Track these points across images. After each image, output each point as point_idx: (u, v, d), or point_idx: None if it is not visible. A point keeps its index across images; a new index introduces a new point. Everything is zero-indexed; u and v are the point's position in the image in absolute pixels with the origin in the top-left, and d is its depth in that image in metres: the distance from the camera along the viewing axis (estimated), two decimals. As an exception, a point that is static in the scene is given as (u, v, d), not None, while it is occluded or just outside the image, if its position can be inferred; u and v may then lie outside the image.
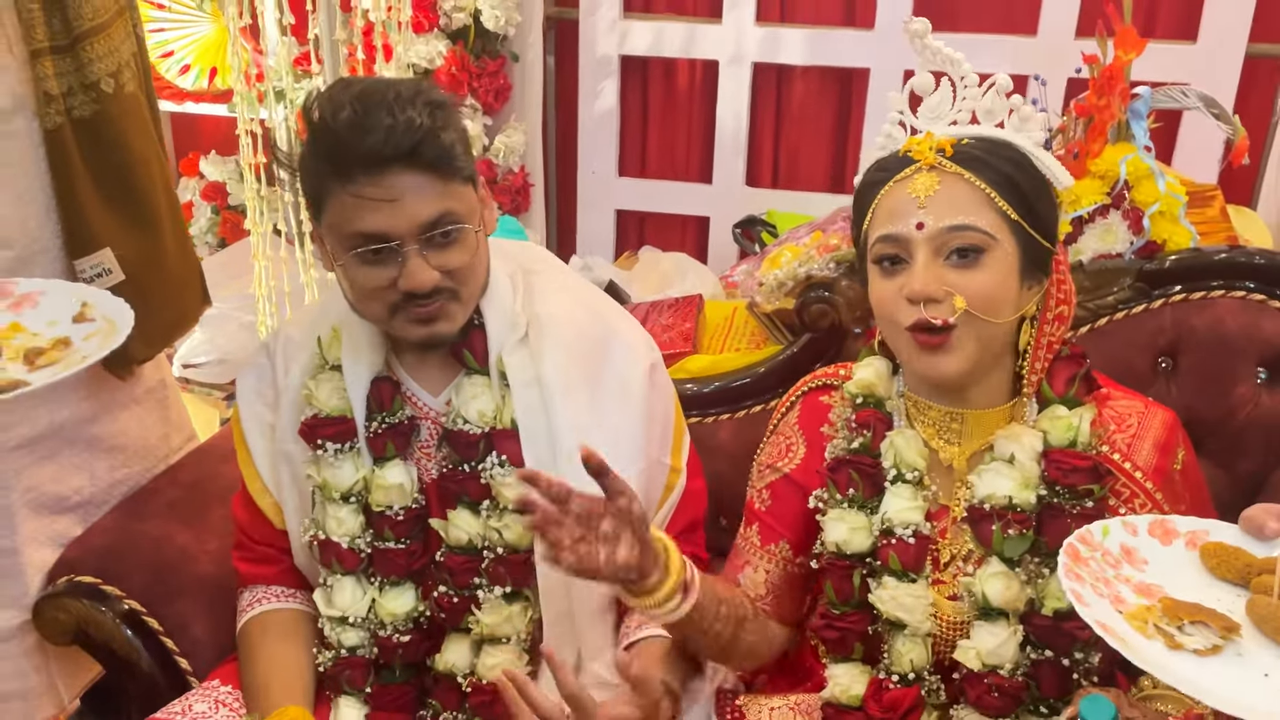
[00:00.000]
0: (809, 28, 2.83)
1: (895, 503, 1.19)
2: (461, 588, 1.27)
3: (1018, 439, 1.17)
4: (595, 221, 3.08)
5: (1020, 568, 1.15)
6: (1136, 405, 1.22)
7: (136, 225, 1.46)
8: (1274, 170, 2.51)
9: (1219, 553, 1.00)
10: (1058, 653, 1.13)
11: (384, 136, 1.09)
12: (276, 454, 1.33)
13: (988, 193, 1.11)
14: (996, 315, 1.11)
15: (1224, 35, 2.50)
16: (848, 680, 1.21)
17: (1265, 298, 1.64)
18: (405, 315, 1.19)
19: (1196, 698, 0.84)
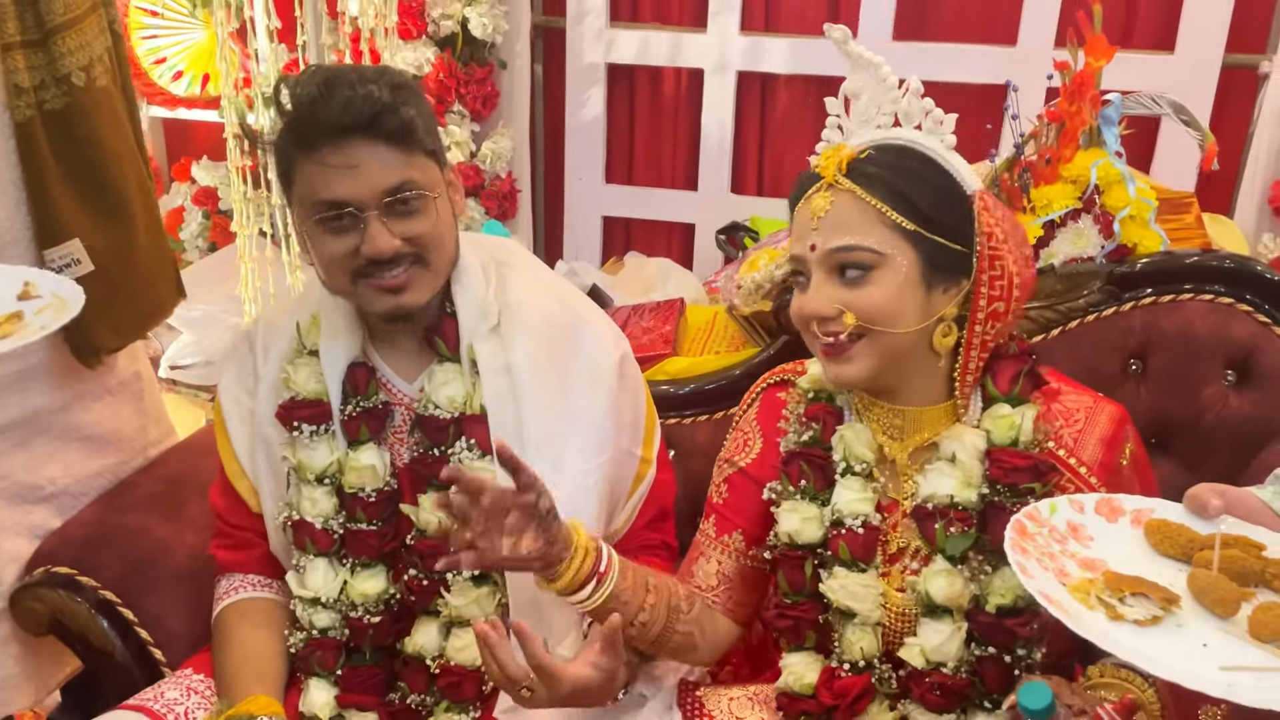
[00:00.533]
0: (792, 37, 2.84)
1: (845, 494, 1.21)
2: (431, 571, 1.29)
3: (960, 438, 1.19)
4: (582, 227, 3.10)
5: (964, 565, 1.17)
6: (1085, 401, 1.23)
7: (107, 217, 1.49)
8: (1250, 179, 2.53)
9: (1163, 529, 1.02)
10: (1000, 649, 1.15)
11: (344, 106, 1.15)
12: (255, 438, 1.36)
13: (878, 208, 1.12)
14: (892, 326, 1.13)
15: (1201, 46, 2.52)
16: (801, 669, 1.23)
17: (1233, 300, 1.67)
18: (369, 285, 1.23)
19: (1137, 665, 0.87)
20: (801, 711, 1.22)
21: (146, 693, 1.33)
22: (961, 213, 1.14)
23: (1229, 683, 0.84)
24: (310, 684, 1.32)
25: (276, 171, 1.27)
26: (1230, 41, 2.52)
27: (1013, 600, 1.14)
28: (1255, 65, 2.55)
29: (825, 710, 1.21)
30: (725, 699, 1.30)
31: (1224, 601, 0.93)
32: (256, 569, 1.40)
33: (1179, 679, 0.85)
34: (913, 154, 1.15)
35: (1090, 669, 1.12)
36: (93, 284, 1.44)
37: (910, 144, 1.15)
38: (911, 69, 2.74)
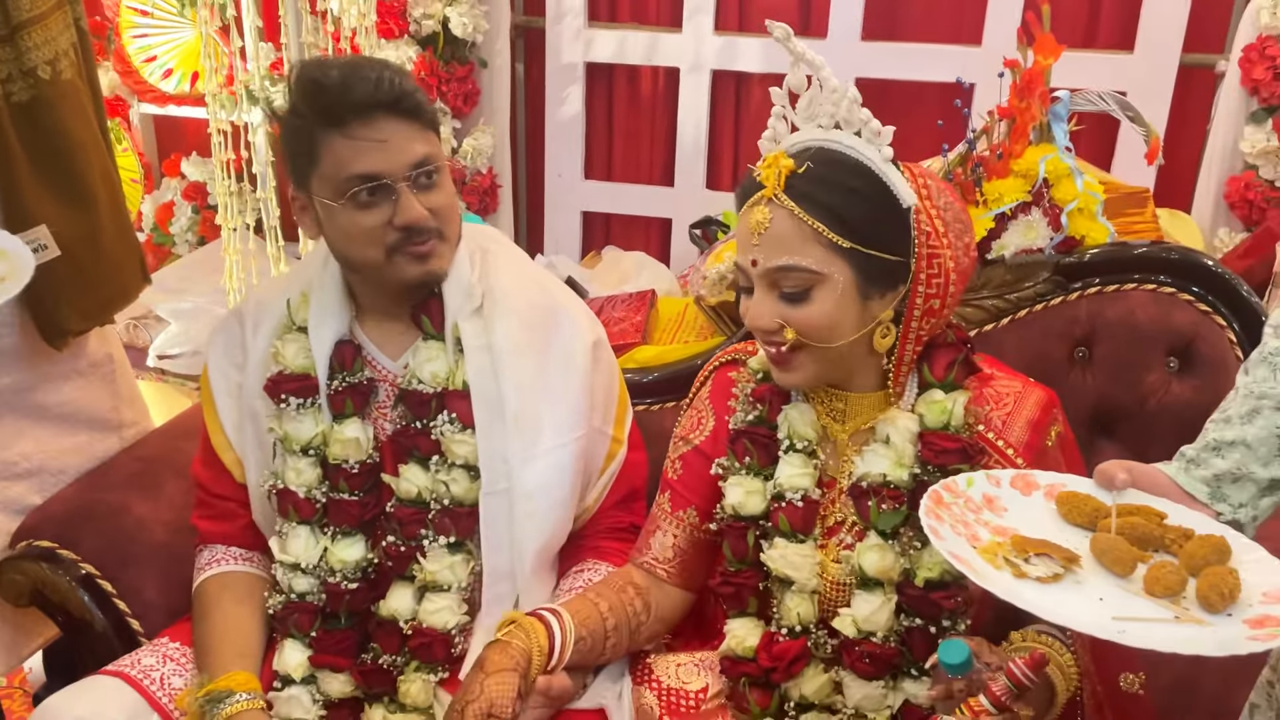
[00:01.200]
0: (765, 37, 2.84)
1: (787, 470, 1.27)
2: (409, 538, 1.35)
3: (894, 422, 1.24)
4: (562, 222, 3.16)
5: (895, 540, 1.22)
6: (1015, 386, 1.28)
7: (72, 205, 1.53)
8: (1206, 176, 2.58)
9: (1071, 500, 1.08)
10: (927, 620, 1.20)
11: (373, 86, 1.24)
12: (243, 411, 1.41)
13: (815, 228, 1.13)
14: (830, 340, 1.17)
15: (1159, 45, 2.58)
16: (743, 633, 1.28)
17: (1176, 290, 1.71)
18: (402, 255, 1.29)
19: (1038, 614, 0.92)
20: (742, 673, 1.27)
21: (124, 659, 1.38)
22: (896, 224, 1.16)
23: (1120, 630, 0.90)
24: (285, 644, 1.37)
25: (293, 153, 1.30)
26: (1188, 41, 2.59)
27: (940, 574, 1.19)
28: (1212, 65, 2.61)
29: (764, 672, 1.26)
30: (673, 664, 1.36)
31: (1121, 561, 1.00)
32: (238, 540, 1.45)
33: (1074, 625, 0.92)
34: (851, 167, 1.15)
35: (1013, 634, 1.18)
36: (59, 269, 1.50)
37: (849, 153, 1.16)
38: (880, 68, 2.84)
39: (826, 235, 1.14)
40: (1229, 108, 2.55)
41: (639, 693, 1.33)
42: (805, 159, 1.16)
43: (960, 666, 1.02)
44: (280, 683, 1.36)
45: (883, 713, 1.23)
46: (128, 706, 1.29)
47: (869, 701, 1.23)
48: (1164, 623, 0.92)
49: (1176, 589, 0.95)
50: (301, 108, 1.27)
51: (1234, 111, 2.54)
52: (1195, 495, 1.08)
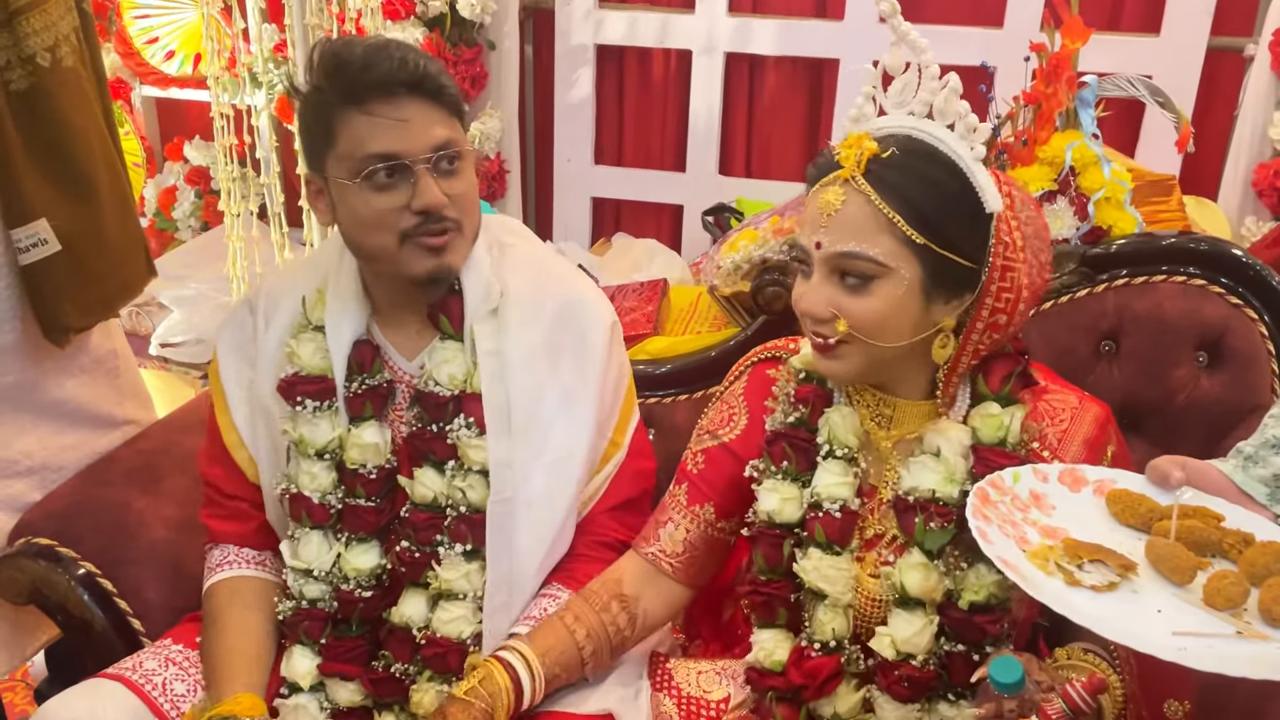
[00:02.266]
0: (780, 18, 2.86)
1: (825, 478, 1.21)
2: (424, 544, 1.31)
3: (945, 434, 1.18)
4: (571, 208, 3.12)
5: (940, 559, 1.16)
6: (1070, 400, 1.22)
7: (73, 198, 1.49)
8: (1234, 162, 2.55)
9: (1124, 499, 1.04)
10: (970, 646, 1.15)
11: (396, 65, 1.21)
12: (255, 409, 1.37)
13: (890, 217, 1.09)
14: (883, 339, 1.12)
15: (1186, 29, 2.54)
16: (772, 645, 1.23)
17: (1206, 283, 1.67)
18: (416, 244, 1.24)
19: (1093, 628, 0.89)
20: (770, 688, 1.23)
21: (125, 662, 1.35)
22: (976, 228, 1.11)
23: (1180, 647, 0.87)
24: (294, 651, 1.34)
25: (311, 129, 1.27)
26: (1216, 24, 2.54)
27: (986, 597, 1.14)
28: (1241, 49, 2.56)
29: (794, 689, 1.21)
30: (694, 672, 1.32)
31: (1180, 569, 0.96)
32: (250, 541, 1.42)
33: (1131, 643, 0.88)
34: (938, 160, 1.10)
35: (1058, 651, 1.13)
36: (60, 264, 1.47)
37: (939, 146, 1.11)
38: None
39: (901, 227, 1.08)
40: (1258, 92, 2.50)
41: (658, 699, 1.30)
42: (890, 144, 1.10)
43: (1014, 686, 0.99)
44: (288, 690, 1.33)
45: None
46: (128, 711, 1.26)
47: None
48: (1226, 639, 0.88)
49: (1238, 600, 0.91)
50: (322, 84, 1.23)
51: (1263, 96, 2.49)
52: (1253, 495, 1.05)
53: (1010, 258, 1.10)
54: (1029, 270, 1.12)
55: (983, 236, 1.10)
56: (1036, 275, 1.13)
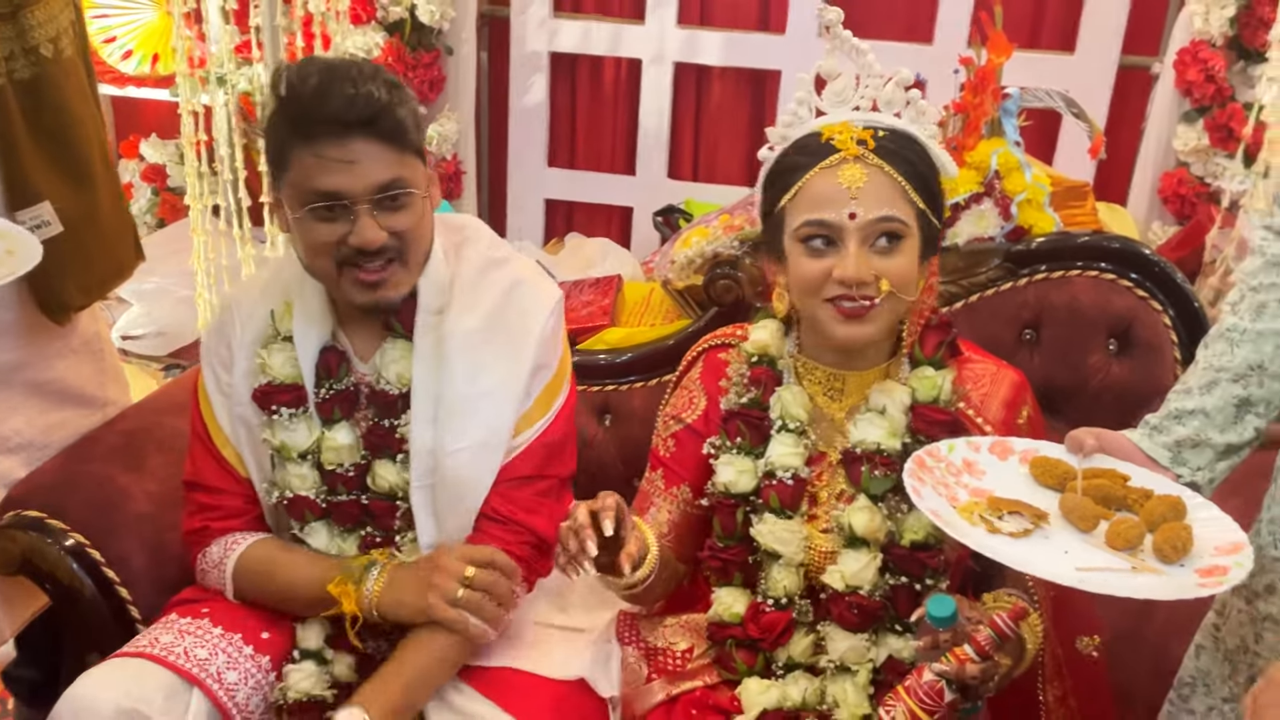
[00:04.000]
0: (726, 31, 2.96)
1: (778, 449, 1.32)
2: (383, 529, 1.39)
3: (890, 394, 1.31)
4: (525, 209, 3.19)
5: (883, 504, 1.29)
6: (990, 368, 1.37)
7: (73, 181, 1.55)
8: (1142, 171, 2.71)
9: (1043, 464, 1.18)
10: (911, 578, 1.28)
11: (347, 104, 1.21)
12: (234, 415, 1.42)
13: (903, 185, 1.23)
14: (910, 293, 1.26)
15: (1099, 48, 2.70)
16: (730, 600, 1.35)
17: (1116, 277, 1.82)
18: (351, 276, 1.29)
19: (1009, 565, 1.02)
20: (730, 637, 1.34)
21: (140, 640, 1.36)
22: (940, 195, 1.28)
23: (1080, 579, 1.00)
24: (311, 622, 1.39)
25: (268, 152, 1.31)
26: (1126, 44, 2.71)
27: (924, 536, 1.27)
28: (1148, 66, 2.74)
29: (751, 640, 1.33)
30: (660, 627, 1.43)
31: (1085, 518, 1.09)
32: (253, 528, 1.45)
33: (1040, 574, 1.01)
34: (914, 142, 1.26)
35: (985, 596, 1.26)
36: (62, 244, 1.52)
37: (906, 131, 1.26)
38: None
39: (911, 194, 1.24)
40: (1163, 107, 2.67)
41: (626, 652, 1.39)
42: (881, 130, 1.25)
43: (947, 620, 1.10)
44: (299, 654, 1.39)
45: (865, 665, 1.29)
46: (164, 685, 1.28)
47: (853, 654, 1.29)
48: (1122, 572, 1.02)
49: (1135, 542, 1.05)
50: (279, 114, 1.26)
51: (1167, 111, 2.66)
52: (1157, 459, 1.18)
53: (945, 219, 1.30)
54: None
55: (943, 202, 1.28)
56: None
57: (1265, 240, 1.18)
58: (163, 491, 1.63)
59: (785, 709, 1.30)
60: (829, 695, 1.30)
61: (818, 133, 1.25)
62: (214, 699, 1.31)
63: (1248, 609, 1.17)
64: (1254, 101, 2.42)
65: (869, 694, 1.29)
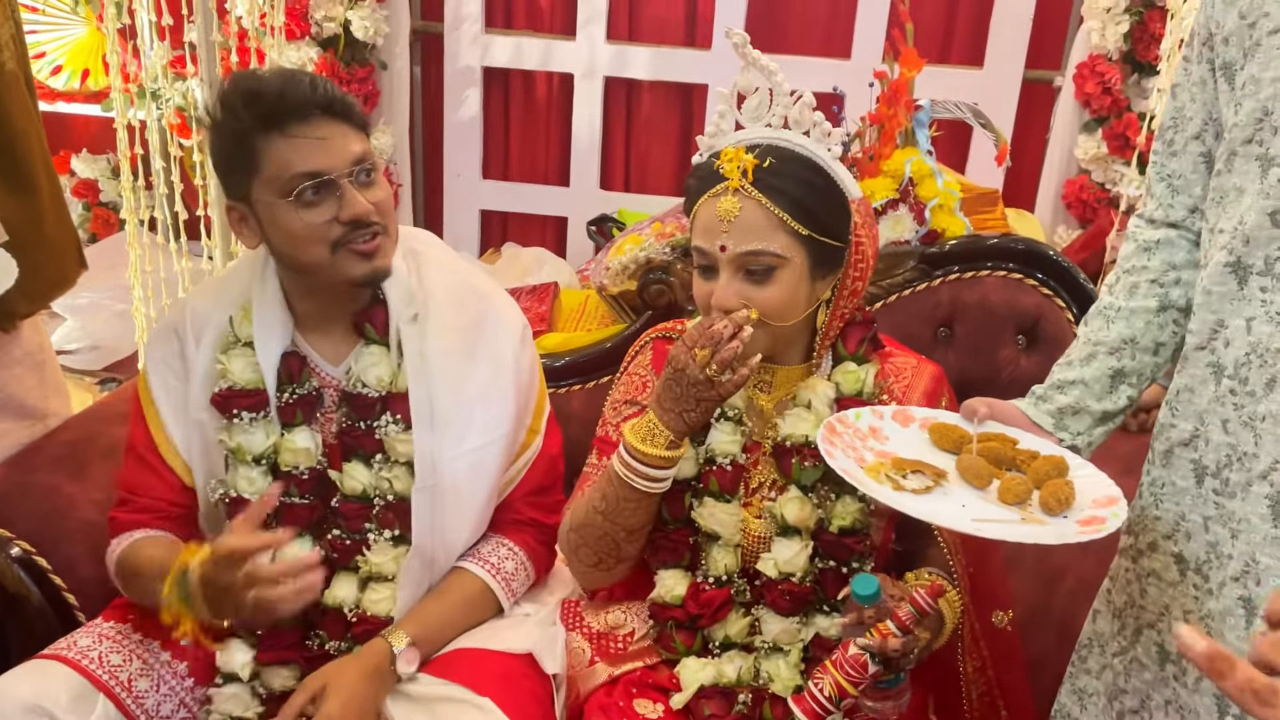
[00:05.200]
0: (654, 46, 3.05)
1: (718, 437, 1.37)
2: (353, 531, 1.41)
3: (815, 389, 1.37)
4: (461, 221, 3.22)
5: (813, 493, 1.35)
6: (911, 361, 1.44)
7: (17, 192, 1.56)
8: (1047, 179, 2.85)
9: (941, 430, 1.27)
10: (839, 562, 1.35)
11: (309, 89, 1.27)
12: (189, 422, 1.42)
13: (781, 217, 1.24)
14: (785, 320, 1.30)
15: (1005, 62, 2.84)
16: (672, 582, 1.39)
17: (1023, 277, 1.93)
18: (348, 251, 1.32)
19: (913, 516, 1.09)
20: (670, 618, 1.39)
21: (60, 643, 1.37)
22: (841, 214, 1.29)
23: (977, 528, 1.08)
24: (231, 643, 1.39)
25: (226, 164, 1.32)
26: (1030, 59, 2.85)
27: (851, 522, 1.33)
28: (1051, 80, 2.89)
29: (691, 618, 1.38)
30: (602, 613, 1.48)
31: (980, 476, 1.18)
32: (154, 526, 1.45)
33: (941, 523, 1.09)
34: (808, 163, 1.26)
35: (908, 575, 1.34)
36: (7, 253, 1.52)
37: (802, 151, 1.27)
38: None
39: (790, 224, 1.25)
40: (1065, 118, 2.81)
41: (570, 637, 1.45)
42: (764, 154, 1.26)
43: (871, 597, 1.16)
44: (223, 679, 1.39)
45: (796, 645, 1.36)
46: (72, 688, 1.30)
47: (784, 635, 1.36)
48: (1012, 523, 1.11)
49: (1024, 497, 1.14)
50: (240, 114, 1.29)
51: (1070, 122, 2.80)
52: (1042, 425, 1.27)
53: (859, 234, 1.31)
54: (870, 241, 1.33)
55: (846, 220, 1.31)
56: (872, 243, 1.35)
57: (1137, 228, 1.28)
58: (108, 499, 1.60)
59: (721, 685, 1.36)
60: (763, 672, 1.37)
61: (717, 154, 1.31)
62: (119, 705, 1.33)
63: (1133, 567, 1.26)
64: (1147, 111, 2.53)
65: (800, 669, 1.36)
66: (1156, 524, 1.22)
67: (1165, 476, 1.21)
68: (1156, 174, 1.25)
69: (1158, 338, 1.24)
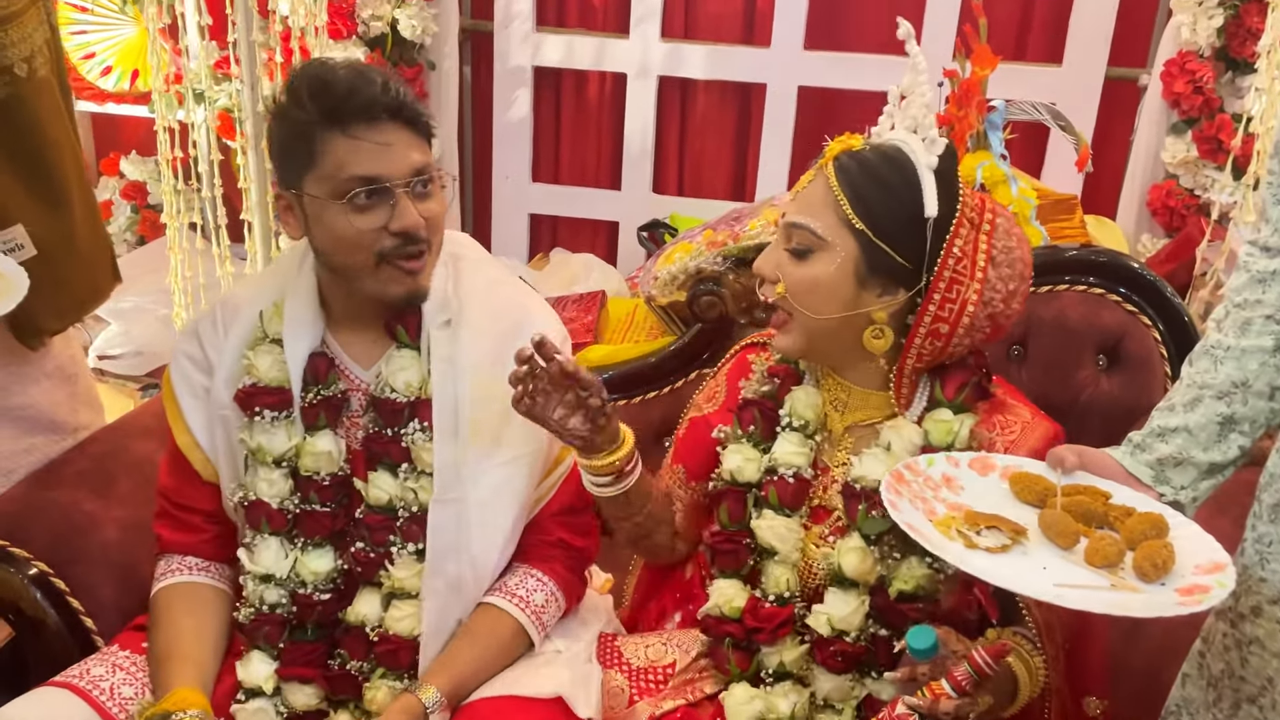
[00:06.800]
0: (710, 44, 2.96)
1: (784, 446, 1.31)
2: (378, 544, 1.35)
3: (899, 431, 1.27)
4: (510, 225, 3.18)
5: (877, 546, 1.25)
6: (1024, 415, 1.31)
7: (49, 204, 1.52)
8: (1130, 184, 2.71)
9: (1024, 480, 1.15)
10: (892, 631, 1.24)
11: (380, 90, 1.24)
12: (213, 416, 1.39)
13: (838, 198, 1.21)
14: (813, 309, 1.23)
15: (1086, 59, 2.70)
16: (731, 593, 1.32)
17: (1105, 292, 1.80)
18: (392, 267, 1.28)
19: (985, 580, 0.99)
20: (726, 633, 1.32)
21: (72, 670, 1.35)
22: (913, 230, 1.20)
23: (1058, 595, 0.97)
24: (252, 656, 1.36)
25: (284, 150, 1.29)
26: (1113, 55, 2.71)
27: (914, 588, 1.23)
28: (1135, 78, 2.75)
29: (748, 634, 1.30)
30: (641, 646, 1.40)
31: (1064, 534, 1.07)
32: (198, 552, 1.43)
33: (1017, 589, 0.98)
34: (897, 164, 1.21)
35: (989, 631, 1.21)
36: (35, 268, 1.47)
37: (903, 152, 1.22)
38: (822, 77, 2.92)
39: (844, 208, 1.21)
40: (1151, 119, 2.67)
41: (609, 675, 1.37)
42: (869, 145, 1.25)
43: (926, 652, 1.07)
44: (245, 695, 1.35)
45: (849, 703, 1.28)
46: (78, 718, 1.27)
47: (837, 692, 1.28)
48: (1099, 590, 0.99)
49: (1115, 560, 1.03)
50: (306, 104, 1.25)
51: (1155, 122, 2.66)
52: (1140, 478, 1.16)
53: (960, 272, 1.20)
54: (984, 293, 1.21)
55: (921, 238, 1.20)
56: (999, 302, 1.22)
57: (1250, 256, 1.15)
58: (132, 517, 1.59)
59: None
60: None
61: None
62: None
63: (1232, 632, 1.15)
64: (1242, 112, 2.42)
65: (852, 724, 1.27)
66: (1262, 586, 1.10)
67: (1274, 533, 1.10)
68: (1273, 196, 1.12)
69: (1274, 380, 1.11)
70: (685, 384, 1.90)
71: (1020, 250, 1.25)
